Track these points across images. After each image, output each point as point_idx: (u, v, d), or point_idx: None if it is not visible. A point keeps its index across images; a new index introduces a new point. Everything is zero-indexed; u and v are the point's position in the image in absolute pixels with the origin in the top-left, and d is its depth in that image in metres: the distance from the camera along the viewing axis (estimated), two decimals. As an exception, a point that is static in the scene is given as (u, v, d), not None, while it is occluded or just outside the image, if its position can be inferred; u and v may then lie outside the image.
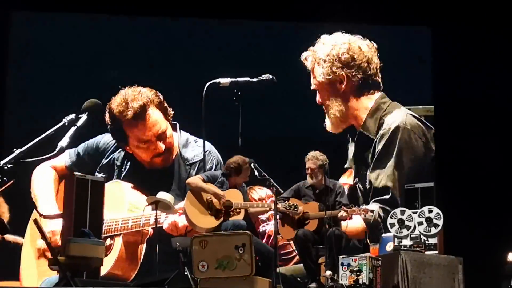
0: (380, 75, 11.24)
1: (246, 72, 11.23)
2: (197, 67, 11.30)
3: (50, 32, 11.46)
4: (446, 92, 10.93)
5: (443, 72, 10.97)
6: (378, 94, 11.23)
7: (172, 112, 11.33)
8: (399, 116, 11.15)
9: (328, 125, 11.20)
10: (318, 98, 11.26)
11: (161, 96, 11.31)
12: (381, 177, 10.98)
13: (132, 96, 11.23)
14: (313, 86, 11.28)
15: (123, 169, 11.33)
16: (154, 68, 11.42)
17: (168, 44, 11.48)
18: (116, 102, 11.25)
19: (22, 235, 11.16)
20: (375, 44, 11.22)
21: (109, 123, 11.34)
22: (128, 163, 11.36)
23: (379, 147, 11.09)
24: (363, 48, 11.18)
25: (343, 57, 11.18)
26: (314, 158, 9.20)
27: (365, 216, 9.16)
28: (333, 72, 11.19)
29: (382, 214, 10.67)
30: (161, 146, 11.28)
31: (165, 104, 11.31)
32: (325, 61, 11.20)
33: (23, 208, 11.17)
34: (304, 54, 11.24)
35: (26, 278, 11.02)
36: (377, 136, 11.12)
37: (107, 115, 11.31)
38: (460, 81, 10.83)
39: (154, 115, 11.28)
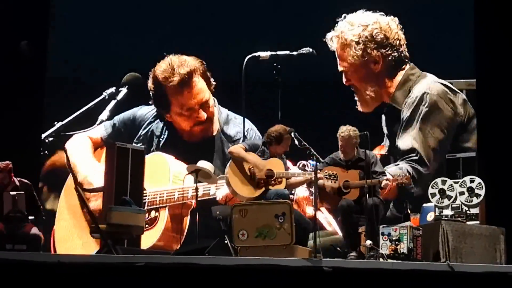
0: (407, 49, 11.17)
1: (286, 45, 11.22)
2: (237, 41, 11.28)
3: (91, 2, 11.51)
4: (489, 64, 10.76)
5: (485, 42, 10.81)
6: (407, 67, 11.17)
7: (214, 83, 11.35)
8: (425, 84, 11.12)
9: (361, 105, 11.15)
10: (345, 79, 11.19)
11: (205, 65, 11.34)
12: (407, 139, 10.94)
13: (178, 63, 11.26)
14: (341, 68, 11.21)
15: (161, 139, 11.35)
16: (194, 43, 11.39)
17: (207, 17, 11.45)
18: (161, 68, 11.30)
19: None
20: (397, 19, 11.13)
21: (152, 89, 11.38)
22: (166, 133, 11.38)
23: (406, 114, 11.05)
24: (392, 25, 11.13)
25: (378, 37, 11.12)
26: (347, 135, 9.09)
27: (405, 185, 9.04)
28: (368, 53, 11.13)
29: (411, 170, 10.65)
30: (203, 114, 11.31)
31: (208, 74, 11.33)
32: (357, 43, 11.12)
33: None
34: (329, 35, 11.14)
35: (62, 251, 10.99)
36: (404, 105, 11.06)
37: (149, 81, 11.36)
38: (503, 51, 10.65)
39: (200, 83, 11.33)
